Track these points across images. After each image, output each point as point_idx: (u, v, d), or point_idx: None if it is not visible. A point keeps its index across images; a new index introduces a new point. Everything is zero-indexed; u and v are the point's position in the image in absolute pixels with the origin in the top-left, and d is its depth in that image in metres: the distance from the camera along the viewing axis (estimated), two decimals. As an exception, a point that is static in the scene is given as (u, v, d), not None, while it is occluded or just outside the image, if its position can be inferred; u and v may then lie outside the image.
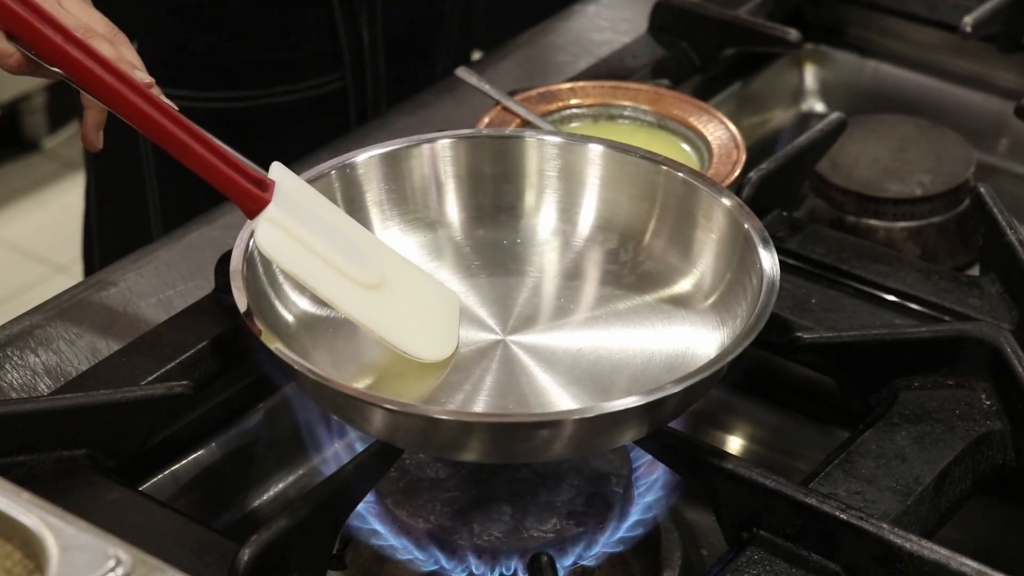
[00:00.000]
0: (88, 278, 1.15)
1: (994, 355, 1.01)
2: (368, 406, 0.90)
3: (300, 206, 0.97)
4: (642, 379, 0.97)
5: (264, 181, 0.96)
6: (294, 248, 0.95)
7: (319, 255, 0.96)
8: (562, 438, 0.90)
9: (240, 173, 0.94)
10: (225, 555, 0.89)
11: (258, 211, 0.95)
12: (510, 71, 1.38)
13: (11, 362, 1.06)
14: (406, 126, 1.29)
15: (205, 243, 1.18)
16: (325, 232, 0.97)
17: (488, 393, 0.97)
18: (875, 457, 0.98)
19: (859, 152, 1.31)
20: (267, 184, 0.96)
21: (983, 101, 1.42)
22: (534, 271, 1.07)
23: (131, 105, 0.93)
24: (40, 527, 0.73)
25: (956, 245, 1.29)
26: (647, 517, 0.99)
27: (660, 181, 1.06)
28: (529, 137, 1.09)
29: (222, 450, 1.10)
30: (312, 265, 0.96)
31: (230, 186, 0.94)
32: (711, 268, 1.03)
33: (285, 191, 0.96)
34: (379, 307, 0.97)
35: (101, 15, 1.07)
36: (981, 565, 0.88)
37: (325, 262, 0.96)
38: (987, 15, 1.35)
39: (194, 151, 0.93)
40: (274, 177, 0.97)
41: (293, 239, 0.95)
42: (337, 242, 0.97)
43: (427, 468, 1.00)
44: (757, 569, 0.92)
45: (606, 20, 1.46)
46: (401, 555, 0.97)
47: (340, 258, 0.96)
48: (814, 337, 1.05)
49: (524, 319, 1.03)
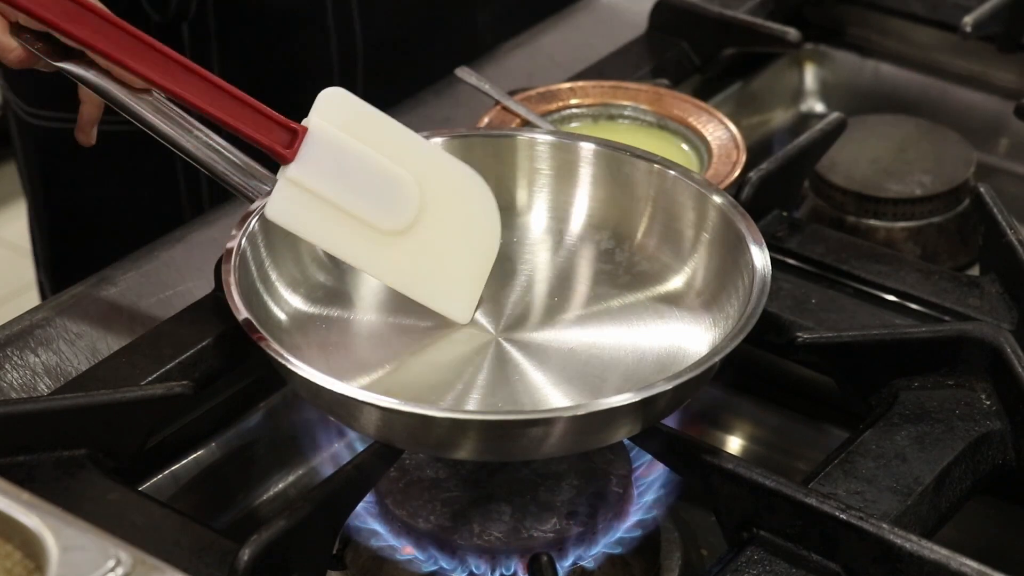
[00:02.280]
0: (88, 278, 1.15)
1: (994, 355, 1.01)
2: (360, 405, 0.90)
3: (329, 155, 0.97)
4: (634, 377, 0.98)
5: (295, 131, 0.96)
6: (313, 209, 0.96)
7: (342, 210, 0.97)
8: (554, 436, 0.90)
9: (269, 121, 0.95)
10: (225, 555, 0.89)
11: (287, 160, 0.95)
12: (510, 71, 1.38)
13: (11, 362, 1.06)
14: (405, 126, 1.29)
15: (205, 243, 1.18)
16: (353, 181, 0.97)
17: (481, 391, 0.97)
18: (875, 457, 0.98)
19: (859, 152, 1.31)
20: (297, 134, 0.96)
21: (983, 101, 1.42)
22: (527, 270, 1.07)
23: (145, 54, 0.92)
24: (40, 527, 0.73)
25: (956, 245, 1.29)
26: (647, 517, 0.99)
27: (652, 180, 1.06)
28: (522, 136, 1.09)
29: (222, 450, 1.10)
30: (331, 226, 0.97)
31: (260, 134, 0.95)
32: (703, 266, 1.03)
33: (316, 139, 0.97)
34: (404, 259, 0.98)
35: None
36: (981, 565, 0.88)
37: (348, 217, 0.97)
38: (987, 15, 1.35)
39: (220, 100, 0.93)
40: (308, 124, 0.97)
41: (313, 197, 0.96)
42: (366, 189, 0.97)
43: (427, 468, 1.00)
44: (757, 569, 0.92)
45: (606, 20, 1.46)
46: (401, 555, 0.97)
47: (367, 207, 0.97)
48: (814, 337, 1.05)
49: (517, 317, 1.03)
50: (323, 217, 0.97)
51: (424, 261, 1.00)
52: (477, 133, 1.10)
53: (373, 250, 0.98)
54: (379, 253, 0.98)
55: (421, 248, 0.99)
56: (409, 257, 0.99)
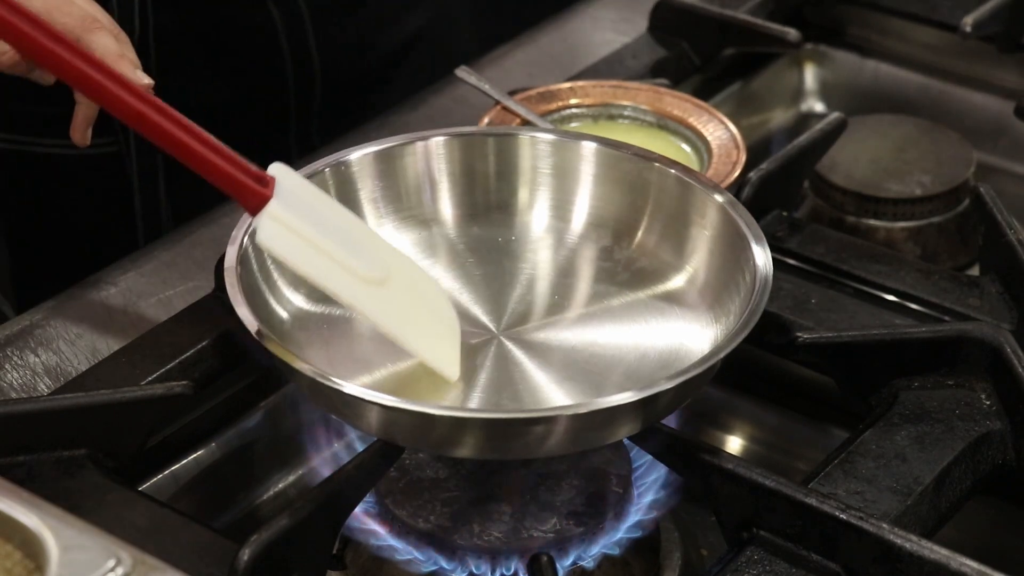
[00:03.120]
0: (88, 278, 1.15)
1: (994, 355, 1.01)
2: (362, 403, 0.90)
3: (302, 202, 0.97)
4: (636, 375, 0.98)
5: (265, 178, 0.95)
6: (298, 244, 0.95)
7: (323, 251, 0.96)
8: (556, 434, 0.90)
9: (241, 170, 0.94)
10: (225, 555, 0.89)
11: (260, 207, 0.94)
12: (510, 71, 1.38)
13: (11, 362, 1.06)
14: (405, 125, 1.29)
15: (205, 243, 1.18)
16: (328, 228, 0.97)
17: (482, 390, 0.97)
18: (875, 457, 0.98)
19: (859, 152, 1.31)
20: (268, 180, 0.95)
21: (983, 101, 1.42)
22: (528, 268, 1.07)
23: (126, 104, 0.91)
24: (40, 527, 0.73)
25: (956, 245, 1.29)
26: (647, 517, 0.99)
27: (653, 178, 1.06)
28: (522, 134, 1.09)
29: (222, 450, 1.10)
30: (317, 261, 0.95)
31: (232, 182, 0.94)
32: (704, 264, 1.03)
33: (286, 188, 0.96)
34: (386, 304, 0.97)
35: (103, 10, 1.07)
36: (981, 565, 0.88)
37: (329, 258, 0.96)
38: (987, 15, 1.35)
39: (193, 149, 0.92)
40: (274, 174, 0.97)
41: (296, 235, 0.95)
42: (340, 238, 0.97)
43: (427, 468, 1.00)
44: (757, 569, 0.92)
45: (606, 20, 1.46)
46: (401, 555, 0.96)
47: (344, 254, 0.96)
48: (814, 337, 1.05)
49: (518, 316, 1.03)
50: (310, 253, 0.96)
51: (406, 310, 0.98)
52: (478, 132, 1.10)
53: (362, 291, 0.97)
54: (365, 294, 0.97)
55: (400, 298, 0.98)
56: (392, 304, 0.98)
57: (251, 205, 0.94)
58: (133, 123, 0.92)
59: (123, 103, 0.91)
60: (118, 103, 0.91)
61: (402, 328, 0.96)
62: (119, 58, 1.05)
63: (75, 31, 1.04)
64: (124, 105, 0.91)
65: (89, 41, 1.04)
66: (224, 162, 0.93)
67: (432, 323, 0.98)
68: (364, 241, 0.99)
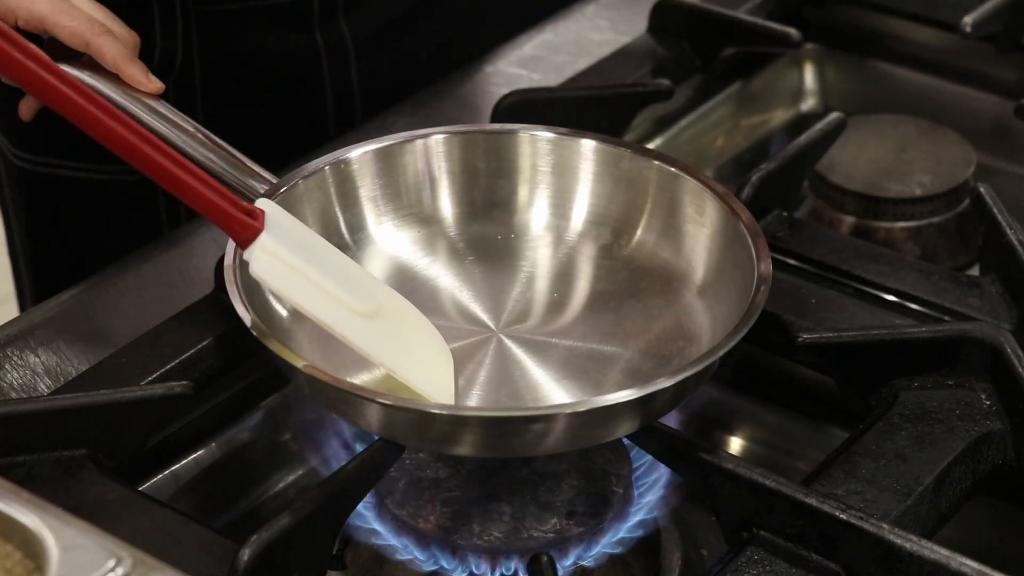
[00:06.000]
0: (88, 278, 1.15)
1: (994, 355, 1.01)
2: (362, 400, 0.90)
3: (290, 236, 0.96)
4: (635, 373, 0.98)
5: (254, 211, 0.95)
6: (291, 276, 0.95)
7: (314, 283, 0.95)
8: (555, 432, 0.90)
9: (231, 203, 0.93)
10: (225, 555, 0.89)
11: (250, 240, 0.94)
12: (510, 71, 1.38)
13: (11, 362, 1.06)
14: (406, 126, 1.29)
15: (205, 243, 1.18)
16: (317, 262, 0.96)
17: (482, 387, 0.98)
18: (875, 457, 0.98)
19: (859, 152, 1.31)
20: (257, 214, 0.95)
21: (983, 101, 1.42)
22: (527, 266, 1.07)
23: (117, 135, 0.89)
24: (40, 527, 0.73)
25: (956, 245, 1.29)
26: (647, 517, 0.99)
27: (652, 176, 1.06)
28: (522, 132, 1.09)
29: (222, 450, 1.10)
30: (310, 292, 0.95)
31: (222, 215, 0.93)
32: (703, 262, 1.03)
33: (275, 222, 0.96)
34: (378, 336, 0.96)
35: (111, 14, 1.06)
36: (981, 565, 0.88)
37: (321, 290, 0.95)
38: (987, 15, 1.35)
39: (184, 181, 0.91)
40: (263, 208, 0.96)
41: (287, 267, 0.95)
42: (329, 271, 0.97)
43: (427, 468, 1.00)
44: (757, 569, 0.92)
45: (606, 20, 1.46)
46: (401, 555, 0.97)
47: (335, 286, 0.96)
48: (814, 337, 1.05)
49: (517, 314, 1.03)
50: (304, 284, 0.96)
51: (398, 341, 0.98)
52: (478, 130, 1.10)
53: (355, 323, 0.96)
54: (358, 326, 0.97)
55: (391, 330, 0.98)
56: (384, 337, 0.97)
57: (242, 238, 0.94)
58: (125, 155, 0.90)
59: (115, 135, 0.89)
60: (110, 134, 0.89)
61: (396, 360, 0.96)
62: (129, 62, 1.04)
63: (84, 35, 1.04)
64: (116, 137, 0.89)
65: (98, 45, 1.04)
66: (215, 195, 0.92)
67: (425, 354, 0.98)
68: (353, 274, 0.99)
